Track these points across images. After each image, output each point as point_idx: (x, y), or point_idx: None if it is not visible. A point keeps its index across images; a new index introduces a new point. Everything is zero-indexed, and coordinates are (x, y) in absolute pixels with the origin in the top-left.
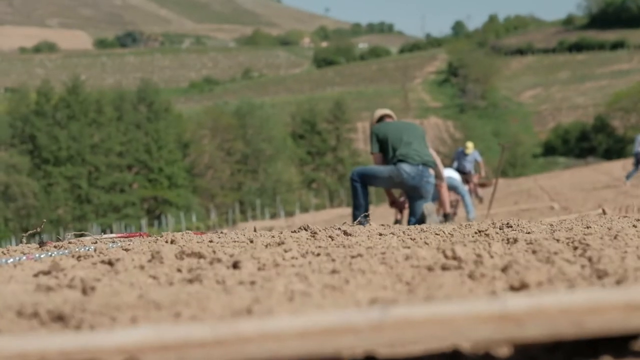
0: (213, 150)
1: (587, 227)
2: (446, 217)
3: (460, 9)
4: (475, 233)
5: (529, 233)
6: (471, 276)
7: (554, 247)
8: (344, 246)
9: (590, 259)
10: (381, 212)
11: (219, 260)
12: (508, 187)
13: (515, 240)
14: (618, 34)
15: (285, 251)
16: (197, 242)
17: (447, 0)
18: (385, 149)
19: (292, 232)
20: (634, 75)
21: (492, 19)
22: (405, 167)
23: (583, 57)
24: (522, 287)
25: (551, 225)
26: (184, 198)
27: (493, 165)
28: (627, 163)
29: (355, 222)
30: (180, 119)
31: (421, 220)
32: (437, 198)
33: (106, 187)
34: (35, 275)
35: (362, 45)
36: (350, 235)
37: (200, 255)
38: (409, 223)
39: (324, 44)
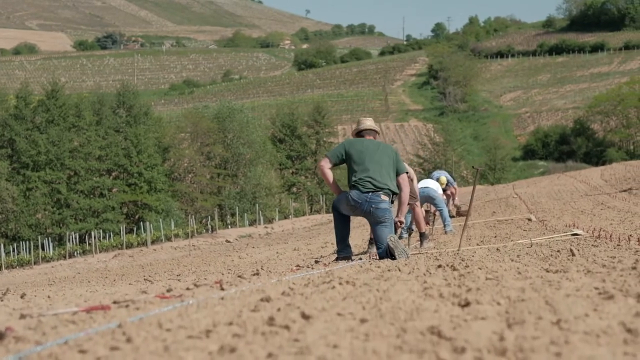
0: (193, 154)
1: (539, 318)
2: (422, 236)
3: (440, 11)
4: (429, 329)
5: (483, 319)
6: None
7: None
8: (295, 353)
9: None
10: (359, 220)
11: None
12: (487, 195)
13: (463, 350)
14: (598, 37)
15: None
16: (154, 337)
17: (428, 2)
18: (348, 166)
19: (251, 309)
20: (614, 78)
21: (472, 21)
22: (353, 195)
23: (563, 60)
24: None
25: (508, 299)
26: (163, 202)
27: (472, 168)
28: (606, 170)
29: (336, 254)
30: (160, 122)
31: (390, 252)
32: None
33: (85, 192)
34: None
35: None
36: (309, 319)
37: None
38: (377, 250)
39: (305, 46)
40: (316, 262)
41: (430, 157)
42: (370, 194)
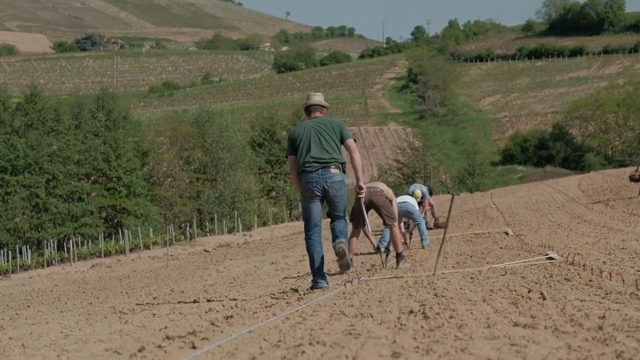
0: (172, 159)
1: None
2: (398, 257)
3: (420, 14)
4: None
5: None
6: None
7: None
8: None
9: None
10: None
11: None
12: (465, 204)
13: None
14: (577, 41)
15: None
16: None
17: (408, 5)
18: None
19: None
20: (592, 82)
21: (452, 24)
22: (305, 178)
23: (542, 64)
24: None
25: None
26: (142, 207)
27: (451, 173)
28: (584, 180)
29: (312, 283)
30: (139, 126)
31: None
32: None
33: (64, 196)
34: None
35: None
36: None
37: None
38: (331, 225)
39: (285, 48)
40: (292, 290)
41: (409, 162)
42: (320, 170)
